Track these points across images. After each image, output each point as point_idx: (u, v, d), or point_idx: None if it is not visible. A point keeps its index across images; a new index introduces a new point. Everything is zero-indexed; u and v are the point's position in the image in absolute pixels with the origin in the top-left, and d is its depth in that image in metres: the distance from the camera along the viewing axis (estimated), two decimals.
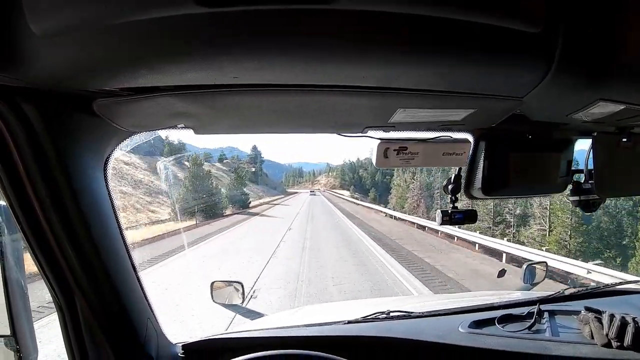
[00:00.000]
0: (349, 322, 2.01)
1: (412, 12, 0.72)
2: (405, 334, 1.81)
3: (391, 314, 2.07)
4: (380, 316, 2.07)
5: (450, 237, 22.15)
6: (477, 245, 19.08)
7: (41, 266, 1.21)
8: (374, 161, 1.44)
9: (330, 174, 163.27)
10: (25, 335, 1.25)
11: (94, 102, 1.06)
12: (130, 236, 1.28)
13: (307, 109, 1.18)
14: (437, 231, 23.68)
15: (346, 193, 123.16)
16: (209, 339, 1.85)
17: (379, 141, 1.41)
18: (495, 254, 17.17)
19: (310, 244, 19.31)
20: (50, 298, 1.27)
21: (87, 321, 1.30)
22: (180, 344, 1.78)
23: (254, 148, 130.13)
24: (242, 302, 3.21)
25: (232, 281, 3.19)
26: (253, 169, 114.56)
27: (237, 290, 3.15)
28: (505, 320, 1.91)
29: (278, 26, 0.74)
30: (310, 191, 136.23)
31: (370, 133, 1.40)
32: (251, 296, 9.99)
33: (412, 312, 2.09)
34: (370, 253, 16.90)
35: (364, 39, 0.80)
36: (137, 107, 1.09)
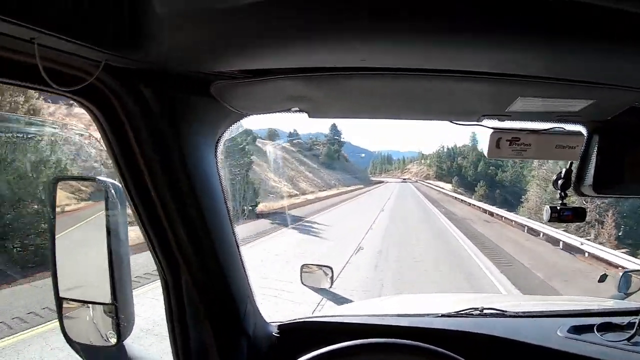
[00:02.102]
0: (443, 315, 1.97)
1: None
2: (502, 333, 1.75)
3: (485, 311, 2.01)
4: (473, 312, 2.02)
5: None
6: None
7: (150, 241, 1.29)
8: (485, 151, 1.40)
9: (422, 161, 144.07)
10: (125, 304, 1.30)
11: (212, 85, 1.10)
12: None
13: (426, 94, 1.18)
14: None
15: (446, 186, 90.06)
16: (304, 321, 1.88)
17: (491, 130, 1.37)
18: None
19: None
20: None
21: (190, 296, 1.37)
22: (276, 324, 1.82)
23: (333, 128, 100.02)
24: (330, 286, 3.25)
25: (322, 265, 3.24)
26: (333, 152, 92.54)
27: (327, 274, 3.20)
28: (604, 328, 1.79)
29: (413, 6, 0.73)
30: (402, 179, 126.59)
31: (485, 122, 1.37)
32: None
33: (506, 311, 2.02)
34: None
35: (494, 23, 0.77)
36: (254, 89, 1.12)
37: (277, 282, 10.38)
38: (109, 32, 0.83)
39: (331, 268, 3.23)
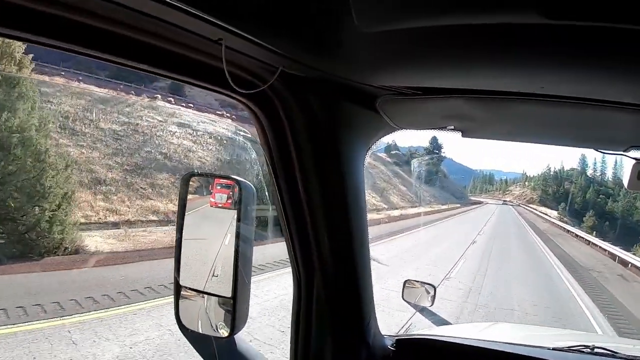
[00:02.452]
0: (555, 349, 1.91)
1: None
2: None
3: (596, 350, 1.95)
4: (584, 350, 1.95)
5: None
6: None
7: (291, 239, 1.35)
8: (625, 183, 1.34)
9: (526, 183, 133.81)
10: (243, 299, 1.35)
11: (377, 99, 1.14)
12: None
13: (578, 122, 1.17)
14: None
15: (551, 213, 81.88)
16: (420, 337, 1.90)
17: (634, 161, 1.31)
18: None
19: None
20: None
21: (320, 296, 1.41)
22: (393, 337, 1.83)
23: (433, 141, 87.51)
24: (431, 304, 3.17)
25: (425, 282, 3.18)
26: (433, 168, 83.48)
27: (428, 292, 3.13)
28: None
29: (599, 39, 0.73)
30: (503, 201, 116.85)
31: (632, 153, 1.31)
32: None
33: (617, 353, 1.93)
34: None
35: None
36: (415, 106, 1.16)
37: None
38: (289, 37, 0.88)
39: (434, 287, 3.16)
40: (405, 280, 3.16)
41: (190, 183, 1.48)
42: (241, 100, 1.08)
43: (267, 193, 1.41)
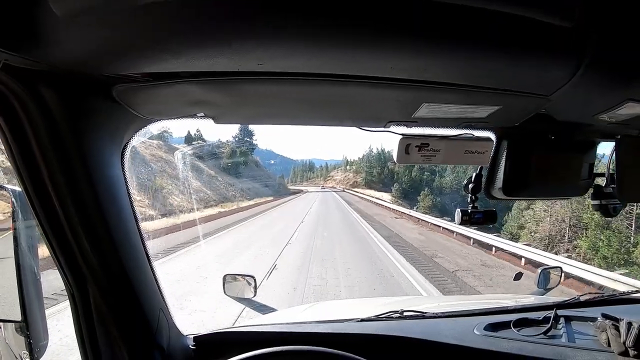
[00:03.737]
0: (362, 320, 2.00)
1: (447, 0, 0.72)
2: (421, 335, 1.79)
3: (405, 314, 2.06)
4: (393, 315, 2.05)
5: None
6: None
7: (54, 252, 1.21)
8: (394, 157, 1.42)
9: (348, 167, 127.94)
10: (37, 321, 1.23)
11: (113, 88, 1.05)
12: None
13: (330, 100, 1.18)
14: None
15: (382, 196, 73.06)
16: (220, 332, 1.85)
17: (400, 137, 1.39)
18: None
19: None
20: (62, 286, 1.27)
21: (99, 309, 1.30)
22: (192, 336, 1.78)
23: (243, 129, 78.33)
24: (254, 295, 3.23)
25: (244, 274, 3.21)
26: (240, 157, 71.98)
27: (250, 284, 3.18)
28: (520, 324, 1.89)
29: (308, 11, 0.74)
30: (322, 187, 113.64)
31: (392, 128, 1.39)
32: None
33: (425, 313, 2.08)
34: None
35: (394, 27, 0.79)
36: (156, 93, 1.08)
37: None
38: (5, 32, 0.79)
39: (254, 277, 3.21)
40: (225, 275, 3.16)
41: None
42: None
43: None
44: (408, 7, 0.73)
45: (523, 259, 15.52)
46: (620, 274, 13.19)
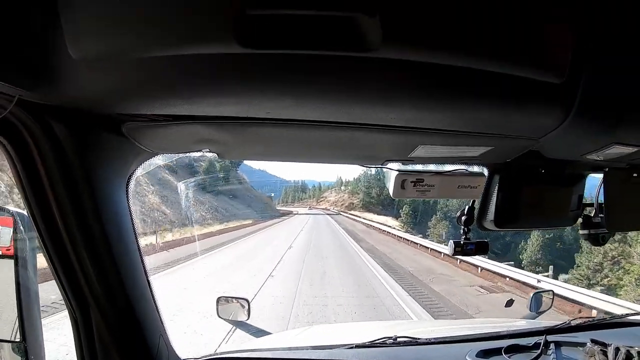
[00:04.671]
0: (357, 346, 2.00)
1: (443, 62, 0.77)
2: None
3: (398, 340, 2.06)
4: (387, 341, 2.06)
5: None
6: None
7: (59, 277, 1.23)
8: (390, 192, 1.47)
9: (343, 188, 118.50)
10: (35, 341, 1.25)
11: (123, 125, 1.09)
12: None
13: (333, 143, 1.23)
14: None
15: (388, 220, 56.26)
16: (218, 357, 1.86)
17: (396, 172, 1.44)
18: None
19: None
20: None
21: (101, 334, 1.31)
22: None
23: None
24: (247, 318, 3.21)
25: (238, 297, 3.20)
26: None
27: (243, 306, 3.16)
28: (511, 350, 1.90)
29: (315, 69, 0.79)
30: (309, 207, 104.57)
31: (390, 165, 1.44)
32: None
33: (418, 339, 2.09)
34: None
35: (395, 84, 0.84)
36: (165, 132, 1.12)
37: None
38: (22, 69, 0.82)
39: (247, 300, 3.20)
40: (218, 298, 3.15)
41: None
42: None
43: None
44: (408, 68, 0.78)
45: None
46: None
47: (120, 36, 0.73)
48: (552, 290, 3.72)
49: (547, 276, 16.02)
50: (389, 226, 43.66)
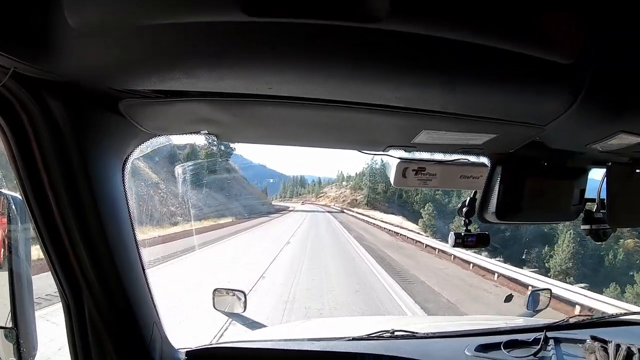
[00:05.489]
0: (354, 339, 1.99)
1: (450, 36, 0.74)
2: (412, 354, 1.79)
3: (396, 333, 2.06)
4: (384, 335, 2.06)
5: None
6: None
7: (51, 262, 1.21)
8: (392, 180, 1.46)
9: (344, 183, 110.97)
10: (27, 328, 1.24)
11: (120, 102, 1.07)
12: None
13: (334, 124, 1.20)
14: None
15: (403, 222, 47.45)
16: (213, 347, 1.84)
17: (398, 160, 1.43)
18: None
19: None
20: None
21: (93, 321, 1.29)
22: (184, 350, 1.76)
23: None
24: (244, 310, 3.20)
25: (234, 289, 3.19)
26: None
27: (240, 299, 3.15)
28: (511, 345, 1.89)
29: (319, 40, 0.76)
30: (302, 202, 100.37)
31: (391, 152, 1.42)
32: None
33: (416, 333, 2.08)
34: None
35: (400, 60, 0.82)
36: (163, 110, 1.10)
37: None
38: (18, 39, 0.80)
39: (244, 292, 3.19)
40: (214, 290, 3.13)
41: None
42: None
43: None
44: (415, 42, 0.76)
45: None
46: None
47: (121, 1, 0.71)
48: (549, 289, 3.70)
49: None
50: (403, 227, 36.04)
